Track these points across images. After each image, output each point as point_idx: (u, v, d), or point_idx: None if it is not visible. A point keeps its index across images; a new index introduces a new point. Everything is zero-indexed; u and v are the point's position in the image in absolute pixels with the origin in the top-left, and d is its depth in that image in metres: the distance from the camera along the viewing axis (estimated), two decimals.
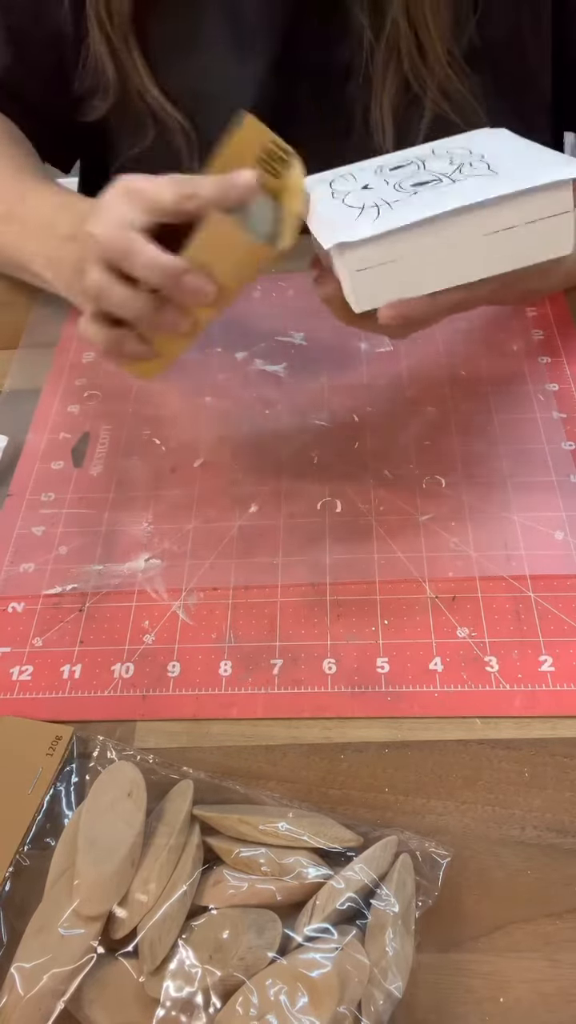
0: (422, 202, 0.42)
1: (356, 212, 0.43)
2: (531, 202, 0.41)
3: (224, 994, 0.34)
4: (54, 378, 0.65)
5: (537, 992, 0.36)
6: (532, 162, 0.44)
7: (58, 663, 0.48)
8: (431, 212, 0.41)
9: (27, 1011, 0.34)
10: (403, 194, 0.44)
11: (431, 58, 0.58)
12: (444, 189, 0.43)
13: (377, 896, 0.36)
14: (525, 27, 0.61)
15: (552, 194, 0.41)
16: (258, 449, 0.58)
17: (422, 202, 0.42)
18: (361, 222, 0.42)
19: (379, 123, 0.62)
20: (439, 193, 0.43)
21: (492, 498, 0.54)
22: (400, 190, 0.44)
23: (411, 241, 0.41)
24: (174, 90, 0.63)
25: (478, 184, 0.42)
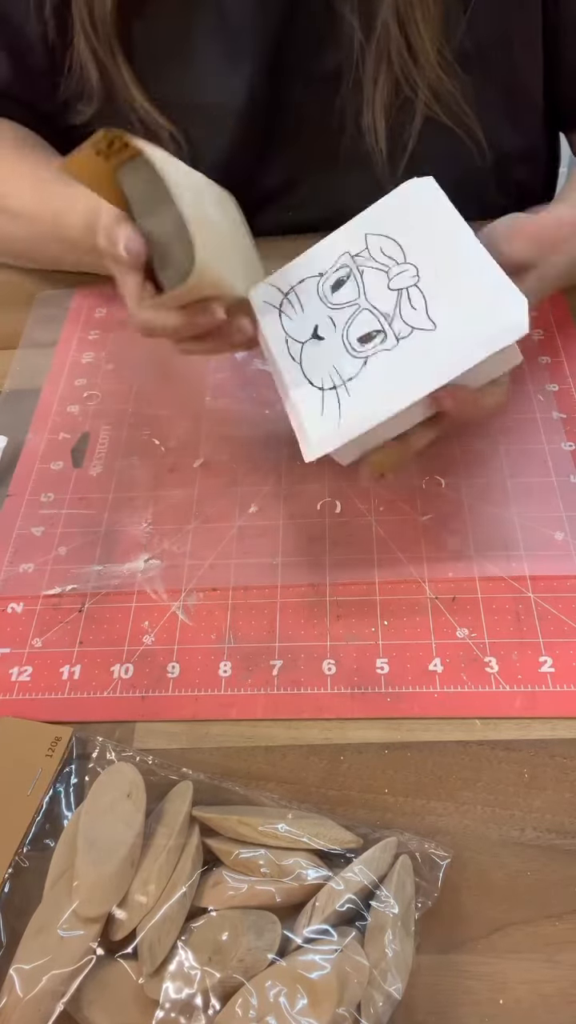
0: (376, 390, 0.45)
1: (318, 402, 0.46)
2: (475, 366, 0.43)
3: (223, 995, 0.34)
4: (54, 378, 0.65)
5: (537, 993, 0.36)
6: (467, 302, 0.44)
7: (57, 664, 0.48)
8: (387, 413, 0.44)
9: (26, 1012, 0.34)
10: (356, 363, 0.46)
11: (421, 60, 0.58)
12: (393, 362, 0.45)
13: (377, 897, 0.36)
14: (514, 29, 0.61)
15: (502, 352, 0.43)
16: (258, 449, 0.58)
17: (376, 390, 0.45)
18: (326, 424, 0.45)
19: (371, 125, 0.62)
20: (390, 372, 0.45)
21: (492, 498, 0.54)
22: (352, 353, 0.46)
23: (371, 431, 0.45)
24: (163, 97, 0.63)
25: (423, 355, 0.44)
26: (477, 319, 0.43)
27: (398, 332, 0.45)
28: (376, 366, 0.45)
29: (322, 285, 0.49)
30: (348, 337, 0.47)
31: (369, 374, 0.45)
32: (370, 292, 0.47)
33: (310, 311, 0.49)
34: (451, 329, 0.44)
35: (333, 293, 0.49)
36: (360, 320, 0.47)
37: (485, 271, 0.44)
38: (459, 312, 0.44)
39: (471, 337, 0.43)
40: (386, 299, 0.46)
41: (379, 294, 0.47)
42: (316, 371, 0.47)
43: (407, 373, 0.44)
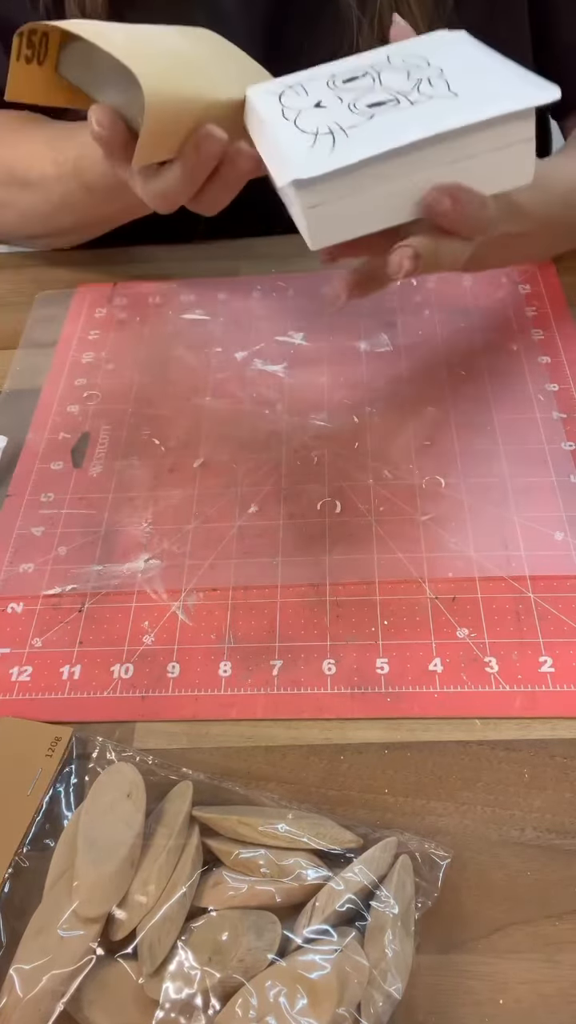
0: (380, 129, 0.40)
1: (310, 139, 0.41)
2: (495, 130, 0.40)
3: (223, 996, 0.34)
4: (54, 378, 0.65)
5: (537, 993, 0.36)
6: (494, 80, 0.42)
7: (57, 664, 0.48)
8: (392, 144, 0.39)
9: (26, 1012, 0.34)
10: (359, 117, 0.41)
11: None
12: (403, 114, 0.41)
13: (376, 897, 0.36)
14: (502, 13, 0.62)
15: (516, 121, 0.40)
16: (258, 449, 0.58)
17: (380, 129, 0.40)
18: (316, 153, 0.40)
19: None
20: (398, 119, 0.41)
21: (492, 498, 0.54)
22: (355, 111, 0.42)
23: (369, 174, 0.39)
24: None
25: (438, 110, 0.40)
26: (497, 86, 0.41)
27: (413, 100, 0.42)
28: (383, 117, 0.41)
29: (333, 80, 0.46)
30: (355, 104, 0.43)
31: (374, 123, 0.41)
32: (386, 80, 0.44)
33: (315, 94, 0.45)
34: (476, 92, 0.41)
35: (344, 84, 0.45)
36: (371, 94, 0.43)
37: (513, 68, 0.42)
38: (486, 83, 0.41)
39: (498, 94, 0.40)
40: (404, 82, 0.43)
41: (397, 80, 0.44)
42: (310, 123, 0.43)
43: (418, 117, 0.40)
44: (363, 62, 0.47)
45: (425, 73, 0.43)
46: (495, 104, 0.40)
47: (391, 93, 0.43)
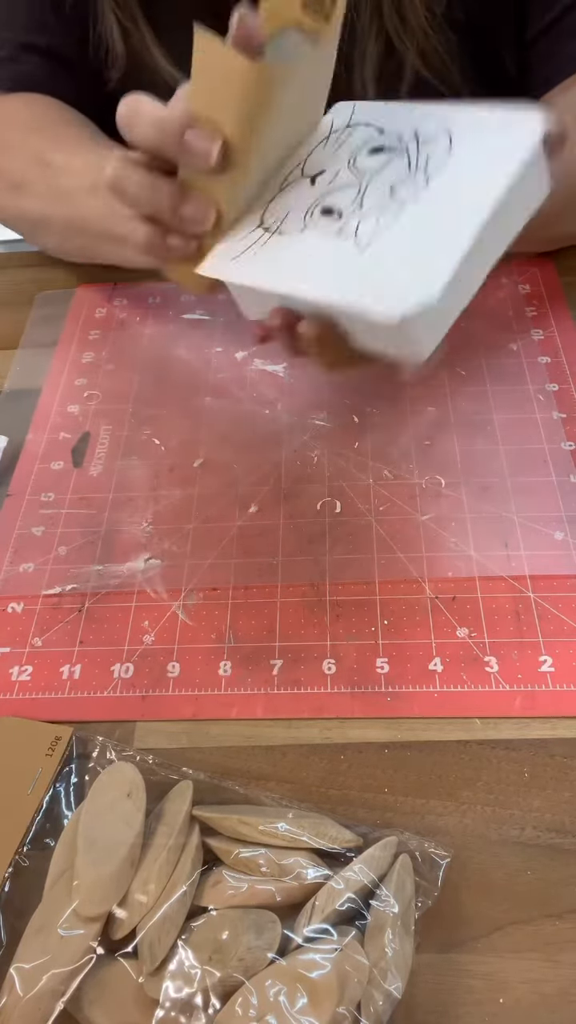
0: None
1: (250, 225, 0.43)
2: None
3: (223, 995, 0.34)
4: (54, 378, 0.65)
5: (537, 993, 0.36)
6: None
7: (58, 663, 0.48)
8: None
9: (26, 1012, 0.34)
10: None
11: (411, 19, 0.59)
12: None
13: (377, 897, 0.36)
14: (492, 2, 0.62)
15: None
16: (258, 449, 0.58)
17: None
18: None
19: (361, 85, 0.63)
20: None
21: (492, 498, 0.54)
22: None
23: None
24: (185, 60, 0.64)
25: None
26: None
27: (421, 193, 0.41)
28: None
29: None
30: (380, 211, 0.42)
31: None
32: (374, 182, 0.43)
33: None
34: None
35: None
36: (376, 193, 0.42)
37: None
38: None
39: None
40: (402, 172, 0.43)
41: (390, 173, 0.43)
42: (272, 211, 0.44)
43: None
44: (331, 165, 0.45)
45: (415, 154, 0.43)
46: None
47: (392, 186, 0.42)
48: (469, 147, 0.42)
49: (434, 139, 0.43)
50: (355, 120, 0.47)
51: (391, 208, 0.41)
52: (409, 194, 0.41)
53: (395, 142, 0.44)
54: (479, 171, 0.40)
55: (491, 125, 0.42)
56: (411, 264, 0.39)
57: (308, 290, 0.41)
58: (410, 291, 0.38)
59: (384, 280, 0.39)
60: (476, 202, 0.39)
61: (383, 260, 0.40)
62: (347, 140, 0.46)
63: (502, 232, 0.41)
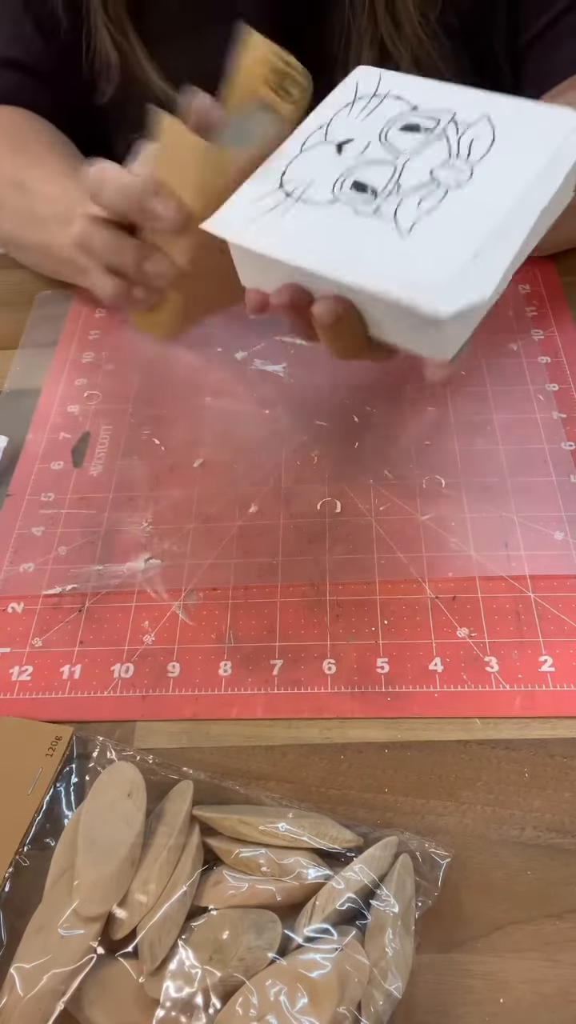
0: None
1: (266, 185, 0.41)
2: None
3: (224, 995, 0.34)
4: (54, 378, 0.65)
5: (537, 992, 0.36)
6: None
7: (58, 663, 0.48)
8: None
9: (27, 1011, 0.34)
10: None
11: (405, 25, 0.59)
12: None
13: (377, 896, 0.36)
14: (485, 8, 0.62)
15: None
16: (258, 449, 0.58)
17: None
18: (252, 209, 0.39)
19: None
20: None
21: (492, 498, 0.54)
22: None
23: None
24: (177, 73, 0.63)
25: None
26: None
27: (465, 180, 0.39)
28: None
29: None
30: (351, 178, 0.41)
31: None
32: (414, 160, 0.41)
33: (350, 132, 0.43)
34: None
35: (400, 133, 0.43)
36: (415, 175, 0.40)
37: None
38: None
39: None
40: (441, 153, 0.41)
41: (433, 154, 0.41)
42: (292, 175, 0.42)
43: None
44: (362, 139, 0.43)
45: (449, 135, 0.42)
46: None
47: (432, 170, 0.41)
48: (514, 139, 0.40)
49: (474, 125, 0.42)
50: (383, 90, 0.45)
51: (434, 193, 0.39)
52: (451, 180, 0.40)
53: (431, 123, 0.42)
54: (527, 167, 0.39)
55: (533, 117, 0.41)
56: (461, 257, 0.37)
57: (344, 273, 0.38)
58: (463, 288, 0.36)
59: (430, 271, 0.37)
60: (526, 200, 0.38)
61: (428, 248, 0.38)
62: (376, 110, 0.44)
63: (537, 233, 0.40)
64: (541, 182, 0.39)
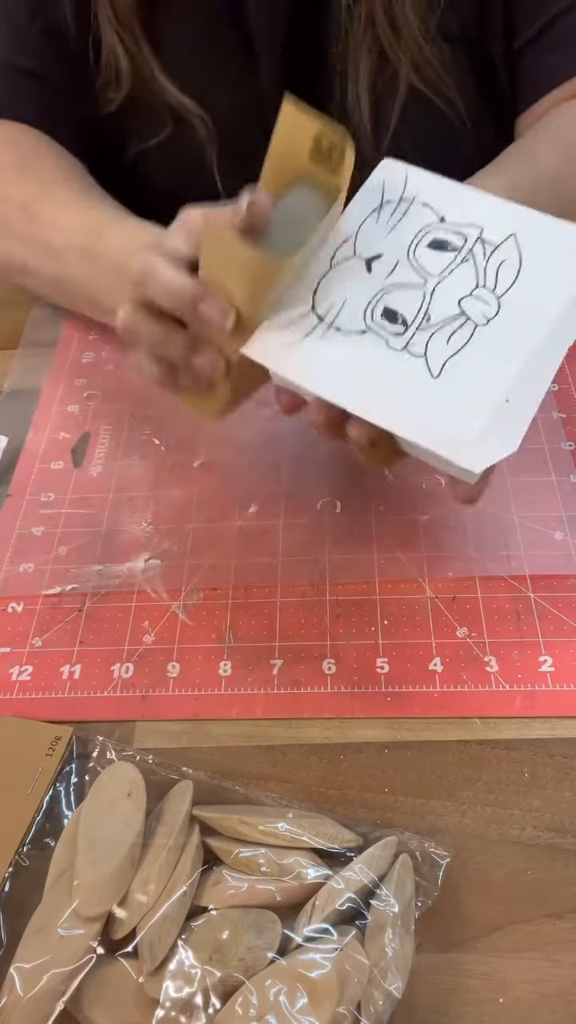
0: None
1: (300, 310, 0.42)
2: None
3: (224, 994, 0.34)
4: (54, 378, 0.65)
5: (537, 992, 0.36)
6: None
7: (58, 663, 0.48)
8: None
9: (27, 1011, 0.34)
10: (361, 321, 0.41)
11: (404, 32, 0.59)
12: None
13: (377, 896, 0.36)
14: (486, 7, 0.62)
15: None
16: (258, 449, 0.58)
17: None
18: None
19: (356, 102, 0.63)
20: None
21: (492, 498, 0.54)
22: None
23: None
24: (186, 79, 0.63)
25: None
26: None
27: (494, 315, 0.40)
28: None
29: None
30: (377, 306, 0.42)
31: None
32: (439, 294, 0.42)
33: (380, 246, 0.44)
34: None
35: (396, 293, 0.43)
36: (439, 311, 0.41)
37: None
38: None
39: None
40: (465, 285, 0.42)
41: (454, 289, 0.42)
42: (324, 294, 0.42)
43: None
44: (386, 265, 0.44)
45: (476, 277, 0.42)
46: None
47: (460, 300, 0.41)
48: (540, 265, 0.41)
49: (501, 246, 0.42)
50: (409, 193, 0.45)
51: (462, 328, 0.40)
52: (479, 314, 0.41)
53: (459, 240, 0.43)
54: (553, 301, 0.40)
55: (560, 242, 0.41)
56: (490, 407, 0.38)
57: (378, 417, 0.39)
58: (492, 445, 0.38)
59: (462, 423, 0.38)
60: (555, 338, 0.39)
61: (458, 395, 0.39)
62: (403, 220, 0.44)
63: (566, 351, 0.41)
64: (567, 317, 0.40)
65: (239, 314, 0.41)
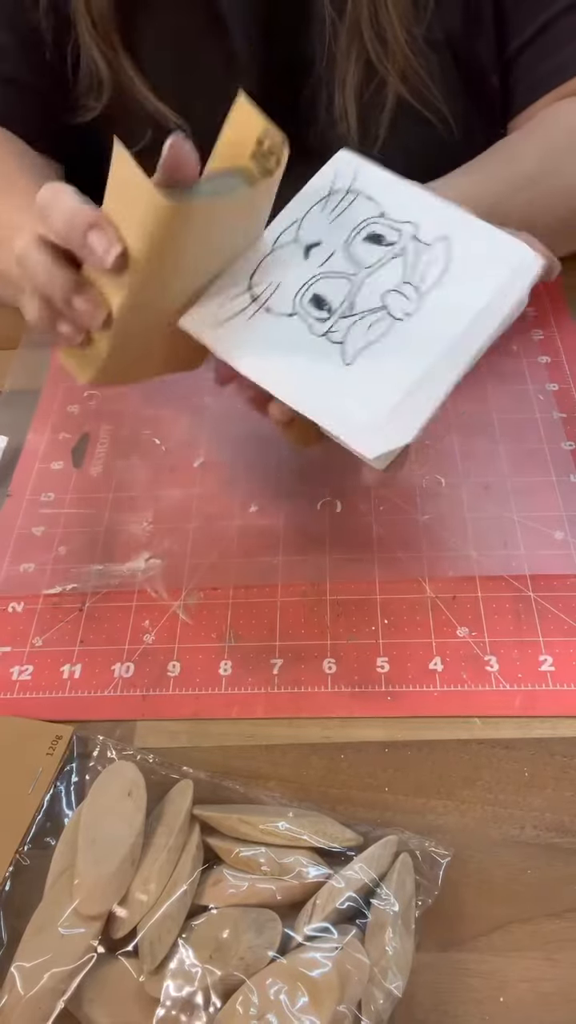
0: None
1: (232, 288, 0.43)
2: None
3: (224, 993, 0.34)
4: (54, 378, 0.65)
5: (537, 992, 0.36)
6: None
7: (58, 663, 0.48)
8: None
9: (27, 1010, 0.34)
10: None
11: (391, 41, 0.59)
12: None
13: (377, 895, 0.36)
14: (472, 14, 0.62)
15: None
16: (258, 449, 0.58)
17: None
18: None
19: (343, 111, 0.63)
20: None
21: (492, 498, 0.54)
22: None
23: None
24: (165, 88, 0.63)
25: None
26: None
27: (413, 311, 0.42)
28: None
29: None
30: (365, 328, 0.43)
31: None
32: (366, 284, 0.44)
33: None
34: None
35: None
36: (361, 298, 0.43)
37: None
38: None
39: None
40: (392, 279, 0.43)
41: (382, 280, 0.44)
42: (262, 275, 0.44)
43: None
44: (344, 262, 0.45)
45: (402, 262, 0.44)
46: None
47: (383, 294, 0.43)
48: (465, 269, 0.43)
49: (432, 246, 0.43)
50: (357, 186, 0.46)
51: (381, 322, 0.42)
52: (399, 310, 0.42)
53: (394, 236, 0.44)
54: (471, 305, 0.42)
55: (489, 250, 0.43)
56: (392, 399, 0.40)
57: (292, 398, 0.42)
58: (389, 433, 0.40)
59: (365, 409, 0.41)
60: (465, 340, 0.41)
61: (366, 383, 0.41)
62: (346, 211, 0.45)
63: (477, 354, 0.42)
64: (483, 320, 0.42)
65: (128, 257, 0.40)
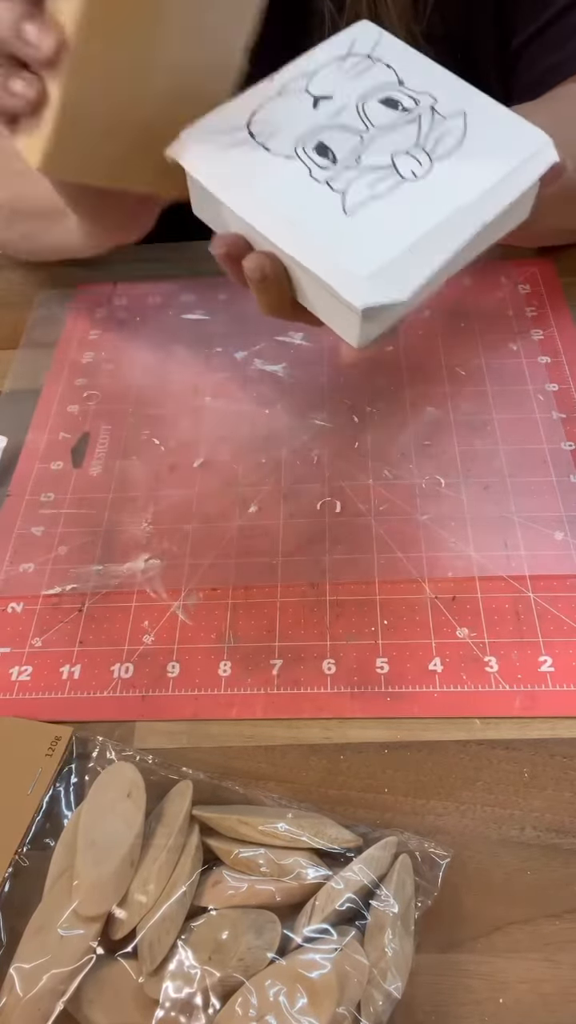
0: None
1: (226, 125, 0.41)
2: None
3: (223, 995, 0.34)
4: (54, 378, 0.65)
5: (537, 992, 0.36)
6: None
7: (57, 663, 0.48)
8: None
9: (26, 1011, 0.34)
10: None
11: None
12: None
13: (376, 897, 0.36)
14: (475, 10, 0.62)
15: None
16: (258, 449, 0.58)
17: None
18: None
19: None
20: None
21: (492, 498, 0.54)
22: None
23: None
24: None
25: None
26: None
27: (423, 173, 0.41)
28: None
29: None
30: (373, 184, 0.40)
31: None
32: (380, 135, 0.42)
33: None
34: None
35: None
36: (373, 154, 0.41)
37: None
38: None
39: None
40: (404, 139, 0.42)
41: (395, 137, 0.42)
42: (263, 116, 0.42)
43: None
44: (352, 116, 0.43)
45: (422, 122, 0.43)
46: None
47: (394, 154, 0.41)
48: (480, 144, 0.41)
49: (449, 117, 0.42)
50: (377, 54, 0.45)
51: (388, 178, 0.40)
52: (409, 170, 0.41)
53: (411, 103, 0.43)
54: (484, 177, 0.40)
55: (505, 128, 0.42)
56: (391, 253, 0.38)
57: (283, 239, 0.39)
58: (382, 285, 0.37)
59: (360, 259, 0.38)
60: (472, 211, 0.40)
61: (365, 235, 0.39)
62: (363, 73, 0.44)
63: (480, 242, 0.41)
64: (494, 195, 0.40)
65: (66, 47, 0.38)
